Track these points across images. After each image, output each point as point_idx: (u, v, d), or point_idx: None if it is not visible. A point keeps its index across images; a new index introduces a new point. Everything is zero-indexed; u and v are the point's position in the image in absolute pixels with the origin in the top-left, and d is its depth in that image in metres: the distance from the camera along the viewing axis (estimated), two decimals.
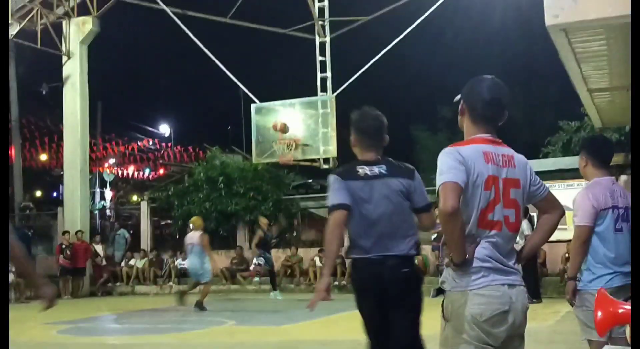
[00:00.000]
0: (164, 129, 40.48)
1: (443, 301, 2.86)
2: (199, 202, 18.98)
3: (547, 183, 3.15)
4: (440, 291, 2.90)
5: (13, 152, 25.14)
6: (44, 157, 31.22)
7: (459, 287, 2.78)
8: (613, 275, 3.91)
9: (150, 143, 36.24)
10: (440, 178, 2.83)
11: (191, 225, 13.38)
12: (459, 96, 3.08)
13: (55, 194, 35.87)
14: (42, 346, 9.08)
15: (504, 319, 2.76)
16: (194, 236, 12.93)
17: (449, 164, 2.84)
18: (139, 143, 35.39)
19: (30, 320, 12.18)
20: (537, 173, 3.12)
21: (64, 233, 18.11)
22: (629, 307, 2.30)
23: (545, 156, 19.75)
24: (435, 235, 16.25)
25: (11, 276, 16.59)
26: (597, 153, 4.18)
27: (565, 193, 15.31)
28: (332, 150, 18.16)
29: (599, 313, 2.33)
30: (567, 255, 14.20)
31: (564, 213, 3.11)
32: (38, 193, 36.65)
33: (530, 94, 29.28)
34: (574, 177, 13.87)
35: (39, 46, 18.78)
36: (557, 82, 23.89)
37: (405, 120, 32.01)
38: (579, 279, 4.04)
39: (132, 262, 18.98)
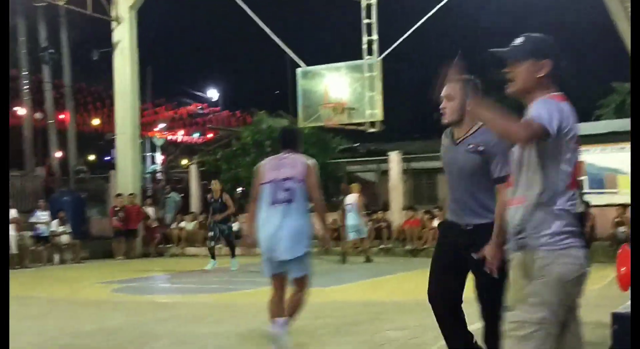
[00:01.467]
0: (212, 94, 40.86)
1: (519, 259, 2.83)
2: (246, 165, 19.21)
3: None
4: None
5: (67, 117, 25.79)
6: (96, 122, 31.89)
7: (547, 245, 2.75)
8: None
9: (199, 107, 36.63)
10: (535, 119, 2.71)
11: (351, 189, 15.45)
12: (511, 53, 2.98)
13: (107, 158, 36.74)
14: (98, 303, 9.45)
15: (582, 281, 2.78)
16: (352, 198, 14.99)
17: (548, 109, 2.74)
18: (188, 108, 35.81)
19: (86, 280, 12.69)
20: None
21: (117, 195, 18.61)
22: None
23: (598, 119, 19.30)
24: None
25: (67, 237, 17.23)
26: None
27: (617, 156, 15.01)
28: (378, 113, 18.12)
29: (622, 269, 2.33)
30: (617, 219, 13.96)
31: None
32: (91, 157, 37.61)
33: (581, 55, 28.47)
34: (626, 140, 13.57)
35: (89, 12, 19.04)
36: (609, 42, 23.17)
37: None
38: None
39: (182, 224, 19.41)
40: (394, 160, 17.96)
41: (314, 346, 5.94)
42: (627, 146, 13.71)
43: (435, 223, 16.21)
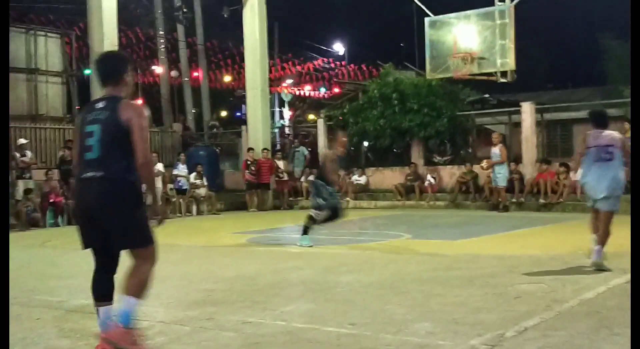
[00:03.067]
0: (338, 48, 40.85)
1: None
2: (373, 119, 19.17)
3: None
4: None
5: (201, 74, 26.76)
6: (227, 79, 32.87)
7: None
8: None
9: (325, 62, 36.79)
10: None
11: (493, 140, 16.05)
12: None
13: (238, 114, 37.91)
14: (234, 251, 9.88)
15: None
16: (495, 150, 15.78)
17: None
18: (314, 63, 36.05)
19: (222, 230, 13.28)
20: None
21: (249, 150, 19.21)
22: None
23: None
24: None
25: (205, 190, 18.03)
26: None
27: None
28: (510, 62, 17.43)
29: None
30: None
31: None
32: (223, 113, 38.96)
33: None
34: None
35: None
36: None
37: (592, 28, 29.69)
38: None
39: (311, 178, 19.75)
40: (527, 111, 17.26)
41: (445, 296, 5.90)
42: None
43: (572, 176, 15.51)
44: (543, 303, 5.47)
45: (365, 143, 20.64)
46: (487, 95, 22.35)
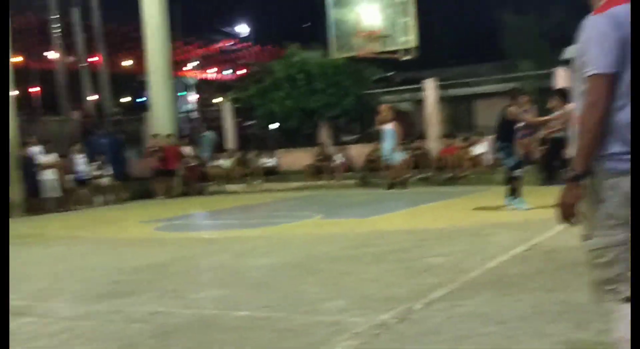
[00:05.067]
0: (243, 29, 40.40)
1: (591, 182, 2.63)
2: (279, 100, 19.10)
3: None
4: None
5: (100, 59, 25.82)
6: (128, 63, 31.91)
7: (617, 168, 2.56)
8: None
9: (230, 43, 36.31)
10: (591, 67, 2.53)
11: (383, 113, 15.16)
12: None
13: (141, 99, 36.92)
14: (142, 241, 9.62)
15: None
16: (388, 127, 14.99)
17: (600, 43, 2.52)
18: (219, 45, 35.52)
19: (129, 220, 12.91)
20: None
21: (153, 136, 18.73)
22: None
23: None
24: (522, 123, 15.86)
25: (108, 179, 17.50)
26: None
27: None
28: (412, 40, 17.71)
29: None
30: None
31: None
32: (125, 99, 37.83)
33: None
34: None
35: None
36: None
37: (491, 5, 30.55)
38: None
39: (219, 162, 19.54)
40: (430, 88, 17.65)
41: (357, 274, 5.96)
42: None
43: (474, 150, 16.00)
44: (450, 275, 5.61)
45: (273, 125, 20.58)
46: (392, 73, 22.69)
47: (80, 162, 17.23)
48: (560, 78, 15.65)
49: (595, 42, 2.54)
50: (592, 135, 2.55)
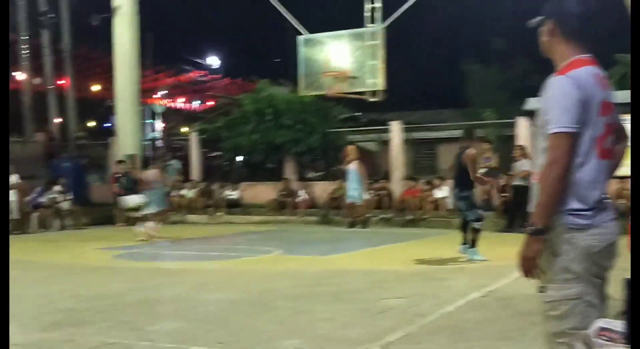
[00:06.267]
0: (213, 61, 40.56)
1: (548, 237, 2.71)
2: (247, 134, 19.15)
3: None
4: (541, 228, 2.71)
5: (67, 82, 25.62)
6: (96, 88, 31.71)
7: (575, 224, 2.66)
8: None
9: (200, 75, 36.40)
10: (554, 125, 2.62)
11: (348, 153, 15.45)
12: (538, 18, 2.86)
13: (107, 124, 36.60)
14: (99, 269, 9.50)
15: (612, 250, 2.72)
16: (351, 167, 15.20)
17: (563, 103, 2.63)
18: (189, 75, 35.58)
19: (87, 246, 12.73)
20: None
21: (118, 162, 18.57)
22: None
23: None
24: (484, 170, 16.18)
25: (68, 204, 17.25)
26: None
27: None
28: (379, 82, 18.02)
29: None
30: (617, 192, 13.96)
31: None
32: (91, 124, 37.47)
33: None
34: (628, 112, 13.47)
35: None
36: (613, 14, 22.92)
37: (457, 53, 31.29)
38: None
39: (182, 192, 19.42)
40: (396, 130, 17.91)
41: (313, 312, 5.98)
42: (628, 118, 13.69)
43: (436, 193, 16.24)
44: (406, 318, 5.68)
45: (239, 158, 20.59)
46: (358, 113, 22.99)
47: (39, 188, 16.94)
48: (522, 127, 16.05)
49: (558, 102, 2.65)
50: (553, 191, 2.63)
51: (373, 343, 4.80)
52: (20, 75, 26.17)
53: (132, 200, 14.35)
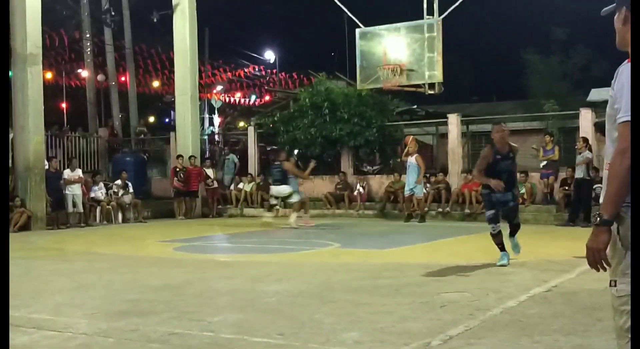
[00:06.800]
0: (269, 55, 40.83)
1: (618, 229, 2.62)
2: (304, 128, 19.22)
3: None
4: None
5: (128, 78, 26.22)
6: (156, 84, 32.34)
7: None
8: None
9: (256, 69, 36.68)
10: (625, 113, 2.54)
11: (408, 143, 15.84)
12: (612, 6, 2.75)
13: (167, 120, 37.30)
14: (160, 260, 9.69)
15: None
16: (411, 160, 15.52)
17: (627, 91, 2.54)
18: (246, 70, 35.90)
19: (148, 238, 13.02)
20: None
21: (178, 157, 18.92)
22: None
23: None
24: (544, 163, 15.83)
25: (130, 197, 17.67)
26: None
27: None
28: (437, 75, 17.82)
29: None
30: None
31: None
32: (151, 119, 38.26)
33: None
34: None
35: None
36: None
37: (516, 44, 30.69)
38: None
39: (240, 186, 19.65)
40: (453, 123, 17.68)
41: (373, 305, 5.96)
42: None
43: None
44: (467, 312, 5.60)
45: (296, 152, 20.68)
46: (415, 106, 22.80)
47: (100, 192, 17.32)
48: (585, 119, 15.62)
49: (628, 90, 2.56)
50: (621, 182, 2.55)
51: (434, 336, 4.75)
52: (84, 73, 26.89)
53: (284, 189, 15.17)
